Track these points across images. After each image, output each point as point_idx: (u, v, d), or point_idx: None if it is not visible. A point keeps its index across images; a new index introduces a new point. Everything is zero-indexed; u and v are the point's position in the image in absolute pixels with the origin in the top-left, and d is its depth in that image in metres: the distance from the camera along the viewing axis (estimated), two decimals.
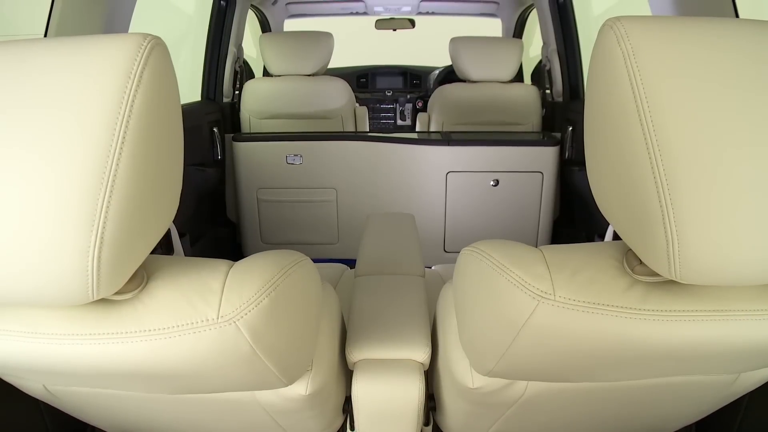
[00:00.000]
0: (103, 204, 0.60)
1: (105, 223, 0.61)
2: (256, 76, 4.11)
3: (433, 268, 1.93)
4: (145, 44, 0.65)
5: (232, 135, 3.02)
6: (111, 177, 0.61)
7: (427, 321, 1.24)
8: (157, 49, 0.66)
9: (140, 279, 0.74)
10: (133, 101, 0.62)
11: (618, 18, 0.67)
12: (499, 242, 0.84)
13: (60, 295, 0.64)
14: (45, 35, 1.70)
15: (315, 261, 2.84)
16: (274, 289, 0.77)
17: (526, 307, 0.74)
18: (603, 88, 0.69)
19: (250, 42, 4.02)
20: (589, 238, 2.74)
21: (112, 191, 0.61)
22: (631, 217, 0.67)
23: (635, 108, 0.62)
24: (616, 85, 0.65)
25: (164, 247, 1.94)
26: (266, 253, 0.84)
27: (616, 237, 1.86)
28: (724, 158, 0.60)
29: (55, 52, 0.64)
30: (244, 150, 2.93)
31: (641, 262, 0.72)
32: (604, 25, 0.68)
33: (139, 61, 0.63)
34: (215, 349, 0.74)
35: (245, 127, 3.20)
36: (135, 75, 0.63)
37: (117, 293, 0.71)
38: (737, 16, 1.66)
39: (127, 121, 0.61)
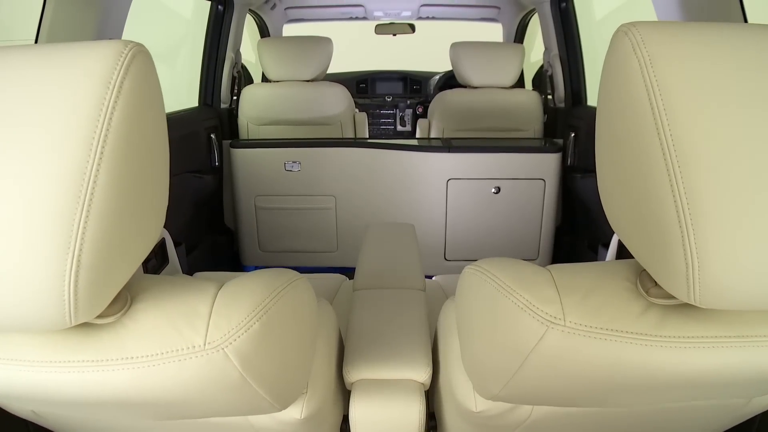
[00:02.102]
0: (79, 225, 0.56)
1: (82, 245, 0.56)
2: (255, 82, 4.07)
3: (434, 278, 1.89)
4: (125, 52, 0.60)
5: (229, 141, 2.99)
6: (87, 196, 0.56)
7: (427, 339, 1.19)
8: (140, 57, 0.62)
9: (123, 301, 0.70)
10: (112, 114, 0.58)
11: (633, 23, 0.63)
12: (504, 261, 0.80)
13: (35, 321, 0.59)
14: (36, 41, 1.66)
15: (313, 270, 2.80)
16: (265, 312, 0.72)
17: (534, 332, 0.69)
18: (617, 99, 0.64)
19: (249, 47, 3.98)
20: (592, 247, 2.70)
21: (89, 211, 0.56)
22: (647, 237, 0.63)
23: (652, 120, 0.58)
24: (631, 96, 0.61)
25: (159, 257, 1.90)
26: (258, 273, 0.80)
27: (621, 247, 1.83)
28: (749, 175, 0.55)
29: (25, 61, 0.60)
30: (241, 156, 2.89)
31: (656, 284, 0.67)
32: (618, 31, 0.64)
33: (119, 71, 0.59)
34: (202, 377, 0.70)
35: (243, 134, 3.16)
36: (114, 85, 0.58)
37: (98, 317, 0.67)
38: (746, 20, 1.62)
39: (105, 136, 0.57)
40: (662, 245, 0.60)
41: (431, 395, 1.17)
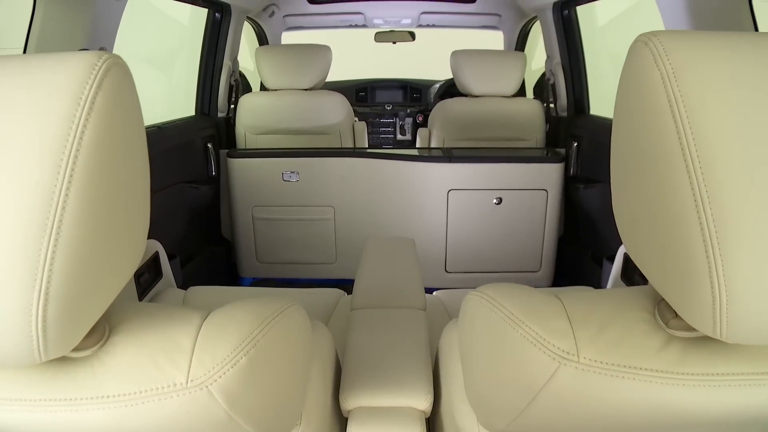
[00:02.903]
0: (46, 255, 0.51)
1: (50, 276, 0.51)
2: (254, 90, 4.03)
3: (434, 293, 1.83)
4: (99, 64, 0.55)
5: (227, 151, 2.94)
6: (55, 224, 0.51)
7: (428, 363, 1.13)
8: (115, 69, 0.57)
9: (101, 333, 0.64)
10: (83, 132, 0.52)
11: (653, 33, 0.57)
12: (511, 289, 0.74)
13: (2, 357, 0.54)
14: (24, 50, 1.61)
15: (311, 281, 2.73)
16: (253, 345, 0.66)
17: (545, 368, 0.64)
18: (636, 113, 0.59)
19: (248, 55, 3.94)
20: (596, 259, 2.65)
21: (57, 240, 0.51)
22: (667, 264, 0.57)
23: (676, 138, 0.53)
24: (652, 112, 0.55)
25: (152, 270, 1.85)
26: (246, 302, 0.74)
27: (626, 262, 1.77)
28: None
29: None
30: (238, 166, 2.85)
31: (676, 315, 0.62)
32: (637, 41, 0.59)
33: (91, 85, 0.54)
34: (184, 417, 0.64)
35: (240, 143, 3.12)
36: (85, 101, 0.53)
37: (73, 350, 0.61)
38: (756, 29, 1.57)
39: (75, 157, 0.52)
40: (685, 275, 0.54)
41: (432, 424, 1.11)
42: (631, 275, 1.75)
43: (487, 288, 0.77)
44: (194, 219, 2.78)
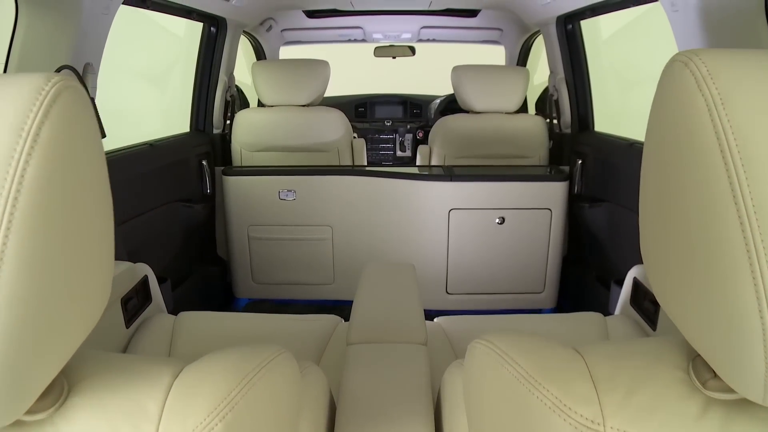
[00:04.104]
0: None
1: None
2: (252, 105, 3.97)
3: (435, 320, 1.74)
4: (47, 89, 0.47)
5: (222, 168, 2.87)
6: None
7: (430, 407, 1.04)
8: (67, 94, 0.48)
9: (59, 392, 0.56)
10: (24, 170, 0.44)
11: (694, 52, 0.49)
12: (523, 341, 0.66)
13: None
14: (5, 68, 1.54)
15: (308, 302, 2.63)
16: (231, 409, 0.58)
17: None
18: (674, 148, 0.51)
19: (246, 69, 3.87)
20: (601, 279, 2.57)
21: None
22: (709, 321, 0.49)
23: (725, 176, 0.45)
24: (695, 146, 0.47)
25: (141, 295, 1.76)
26: (225, 355, 0.65)
27: (636, 288, 1.69)
28: None
29: None
30: (234, 184, 2.78)
31: (716, 375, 0.53)
32: (674, 61, 0.51)
33: (36, 113, 0.46)
34: None
35: (236, 160, 3.04)
36: (28, 133, 0.45)
37: (27, 412, 0.53)
38: None
39: (15, 199, 0.44)
40: (731, 334, 0.46)
41: None
42: (641, 301, 1.67)
43: (496, 338, 0.68)
44: (188, 239, 2.70)
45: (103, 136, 1.70)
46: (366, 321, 1.36)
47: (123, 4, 1.79)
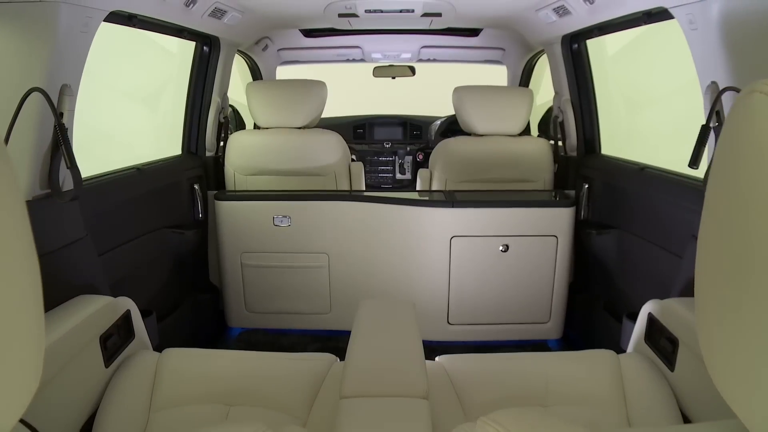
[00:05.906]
0: None
1: None
2: (248, 126, 3.87)
3: (437, 360, 1.63)
4: None
5: (214, 193, 2.77)
6: None
7: None
8: None
9: None
10: None
11: None
12: (531, 419, 0.54)
13: None
14: None
15: (304, 332, 2.52)
16: None
17: None
18: (752, 190, 0.40)
19: (242, 89, 3.78)
20: (610, 310, 2.44)
21: None
22: None
23: None
24: None
25: (123, 331, 1.64)
26: None
27: (651, 324, 1.57)
28: None
29: None
30: (227, 210, 2.68)
31: None
32: (751, 92, 0.40)
33: None
34: None
35: (230, 184, 2.93)
36: None
37: None
38: None
39: None
40: None
41: None
42: (657, 339, 1.55)
43: (500, 416, 0.57)
44: (178, 266, 2.59)
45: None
46: (361, 371, 1.24)
47: (106, 21, 1.68)
